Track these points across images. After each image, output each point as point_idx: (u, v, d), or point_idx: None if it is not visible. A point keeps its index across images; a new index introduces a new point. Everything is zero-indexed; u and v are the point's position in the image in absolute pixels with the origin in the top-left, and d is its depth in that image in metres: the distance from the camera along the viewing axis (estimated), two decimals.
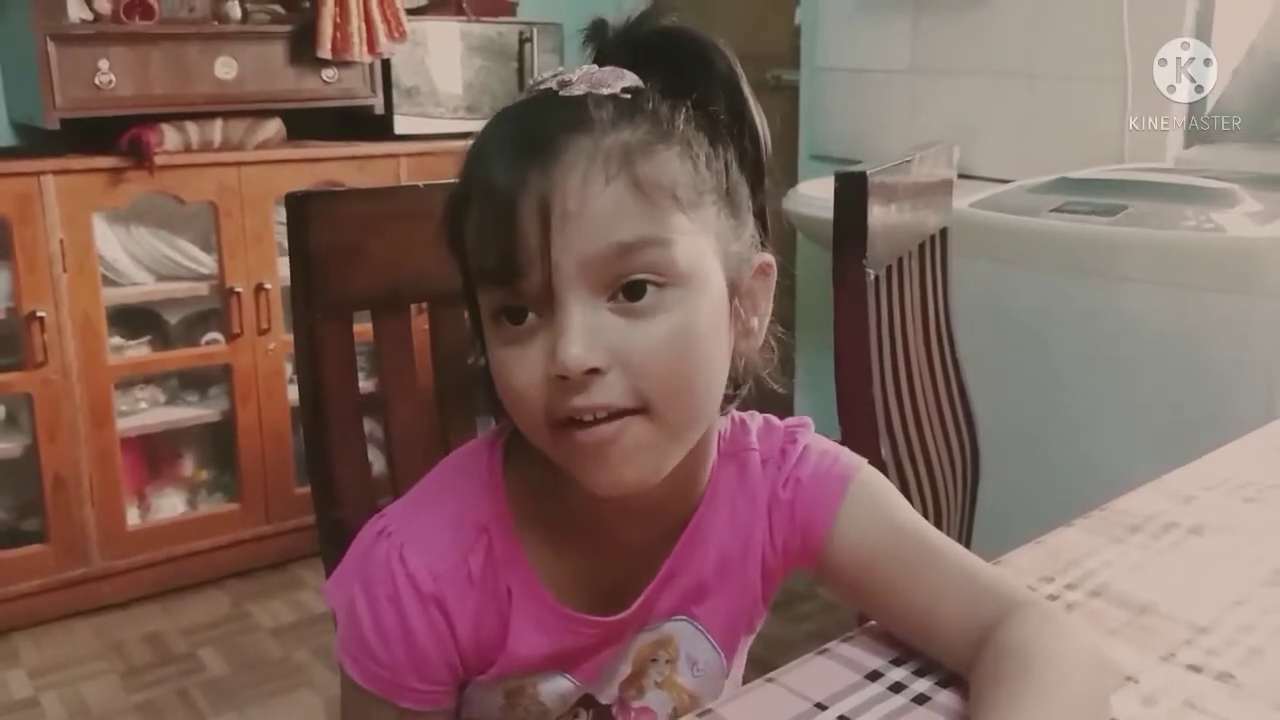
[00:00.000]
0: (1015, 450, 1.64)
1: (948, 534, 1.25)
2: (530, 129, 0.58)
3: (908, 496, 1.11)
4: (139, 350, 2.36)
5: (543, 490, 0.65)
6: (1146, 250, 1.55)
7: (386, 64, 2.53)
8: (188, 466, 2.50)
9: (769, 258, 0.65)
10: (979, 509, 1.42)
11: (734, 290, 0.62)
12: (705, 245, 0.59)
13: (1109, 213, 1.63)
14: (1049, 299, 1.68)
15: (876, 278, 1.06)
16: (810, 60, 2.76)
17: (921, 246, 1.25)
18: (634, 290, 0.56)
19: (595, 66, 0.61)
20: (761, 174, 0.65)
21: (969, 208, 1.74)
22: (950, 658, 0.63)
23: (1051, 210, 1.69)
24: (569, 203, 0.55)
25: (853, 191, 0.99)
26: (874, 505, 0.68)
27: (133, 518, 2.35)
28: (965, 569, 0.65)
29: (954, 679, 0.63)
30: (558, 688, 0.68)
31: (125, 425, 2.31)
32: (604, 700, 0.71)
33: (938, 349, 1.30)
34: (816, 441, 0.72)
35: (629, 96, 0.59)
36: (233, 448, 2.43)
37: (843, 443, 1.01)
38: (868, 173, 0.99)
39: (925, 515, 1.17)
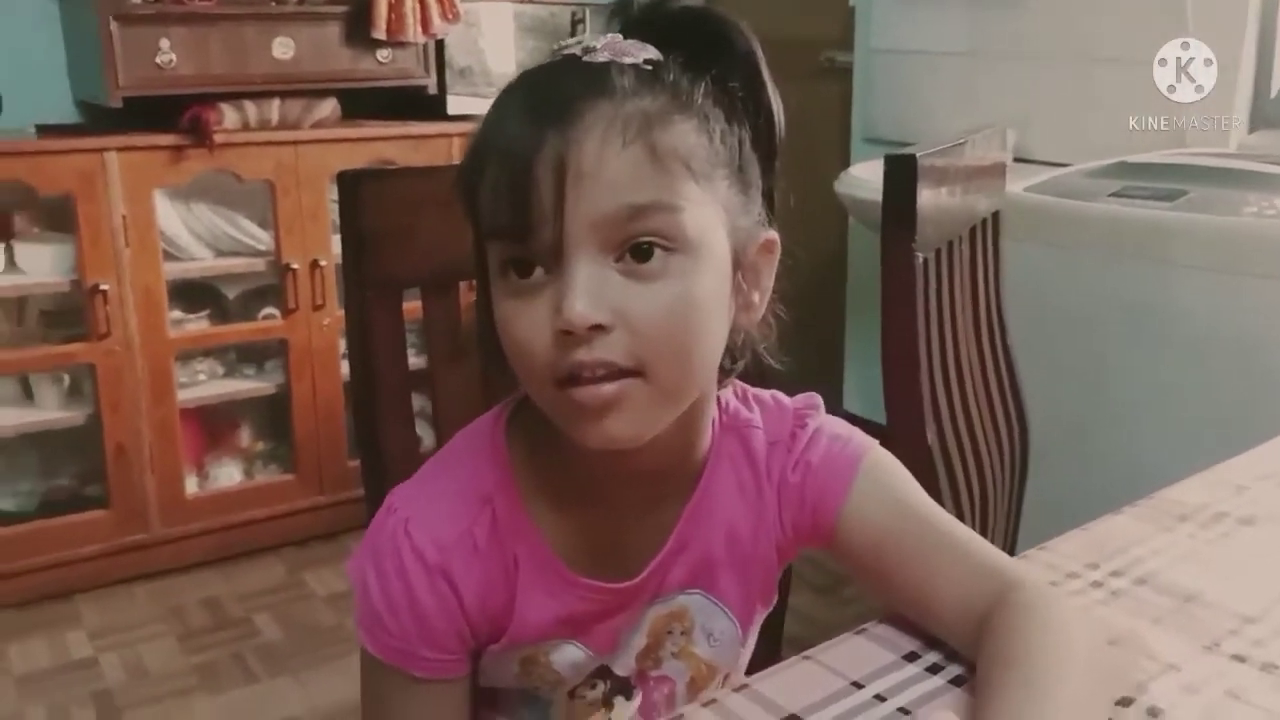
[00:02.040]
0: (1066, 439, 1.62)
1: (995, 522, 1.25)
2: (551, 91, 0.59)
3: (954, 484, 1.11)
4: (198, 324, 2.41)
5: (547, 458, 0.67)
6: (1205, 237, 1.52)
7: (440, 44, 2.55)
8: (244, 437, 2.55)
9: (774, 235, 0.67)
10: (1029, 498, 1.40)
11: (738, 263, 0.63)
12: (714, 216, 0.61)
13: (1168, 198, 1.60)
14: (1104, 285, 1.65)
15: (925, 261, 1.05)
16: (864, 42, 2.73)
17: (972, 230, 1.24)
18: (641, 252, 0.58)
19: (619, 36, 0.62)
20: (773, 155, 0.66)
21: (1023, 192, 1.72)
22: (953, 638, 0.65)
23: (1109, 195, 1.67)
24: (585, 163, 0.56)
25: (902, 174, 0.98)
26: (882, 487, 0.69)
27: (191, 486, 2.41)
28: (965, 549, 0.66)
29: None
30: (570, 657, 0.69)
31: (185, 396, 2.37)
32: (620, 671, 0.72)
33: (988, 334, 1.29)
34: (828, 424, 0.73)
35: (650, 68, 0.60)
36: (288, 420, 2.48)
37: (888, 428, 1.02)
38: (917, 155, 0.98)
39: (972, 502, 1.17)
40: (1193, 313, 1.55)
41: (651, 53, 0.61)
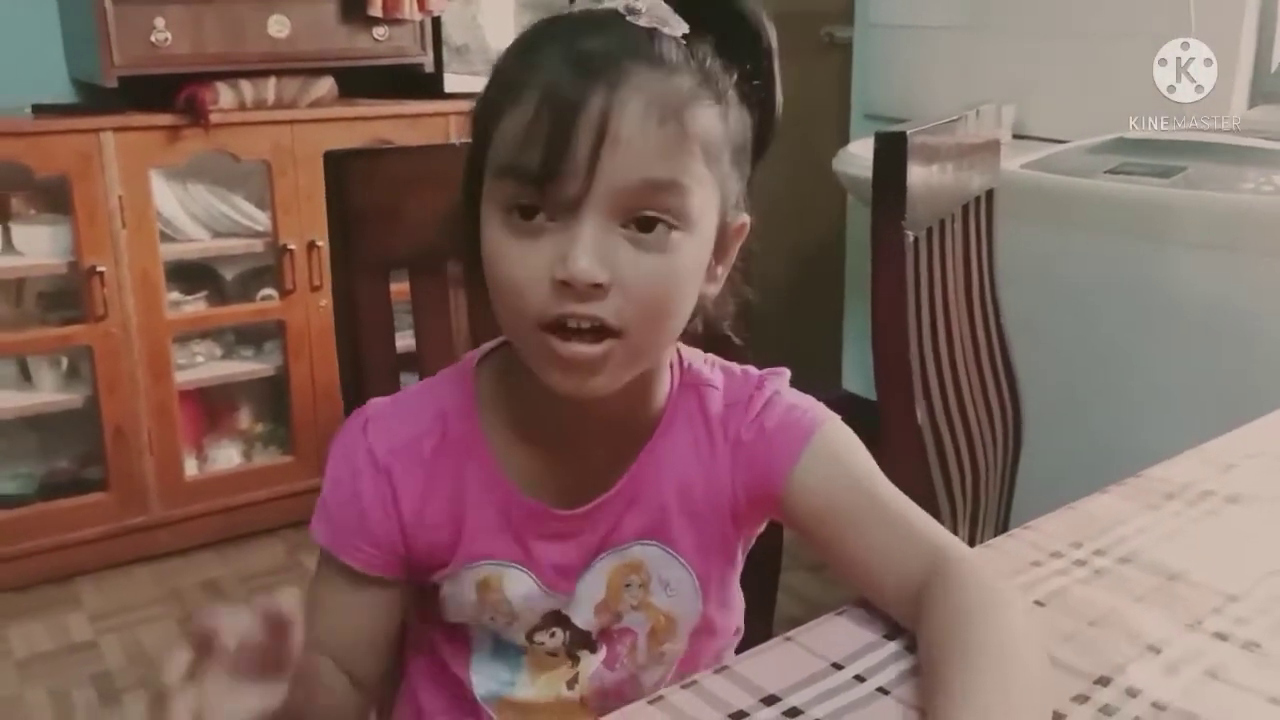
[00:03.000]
0: (1062, 417, 1.62)
1: (987, 501, 1.25)
2: (598, 45, 0.60)
3: (944, 463, 1.11)
4: (196, 305, 2.41)
5: (511, 391, 0.71)
6: (1203, 213, 1.51)
7: (437, 22, 2.53)
8: (243, 419, 2.56)
9: (747, 219, 0.70)
10: (1022, 475, 1.40)
11: (716, 240, 0.66)
12: (713, 198, 0.64)
13: (1166, 174, 1.59)
14: (1101, 263, 1.65)
15: (916, 239, 1.05)
16: (864, 17, 2.71)
17: (965, 208, 1.23)
18: (646, 224, 0.60)
19: (661, 3, 0.63)
20: (763, 146, 0.69)
21: (1020, 169, 1.71)
22: (891, 609, 0.66)
23: (1107, 171, 1.66)
24: (625, 129, 0.58)
25: (892, 152, 0.98)
26: (833, 459, 0.70)
27: (190, 468, 2.41)
28: (905, 524, 0.68)
29: None
30: (522, 587, 0.72)
31: (183, 378, 2.37)
32: (580, 624, 0.74)
33: (980, 313, 1.28)
34: (789, 393, 0.74)
35: (687, 43, 0.62)
36: (286, 401, 2.48)
37: (878, 404, 1.02)
38: (908, 133, 0.98)
39: (963, 481, 1.16)
40: (1190, 290, 1.54)
41: (685, 26, 0.63)
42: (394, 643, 0.76)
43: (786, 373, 0.76)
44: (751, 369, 0.76)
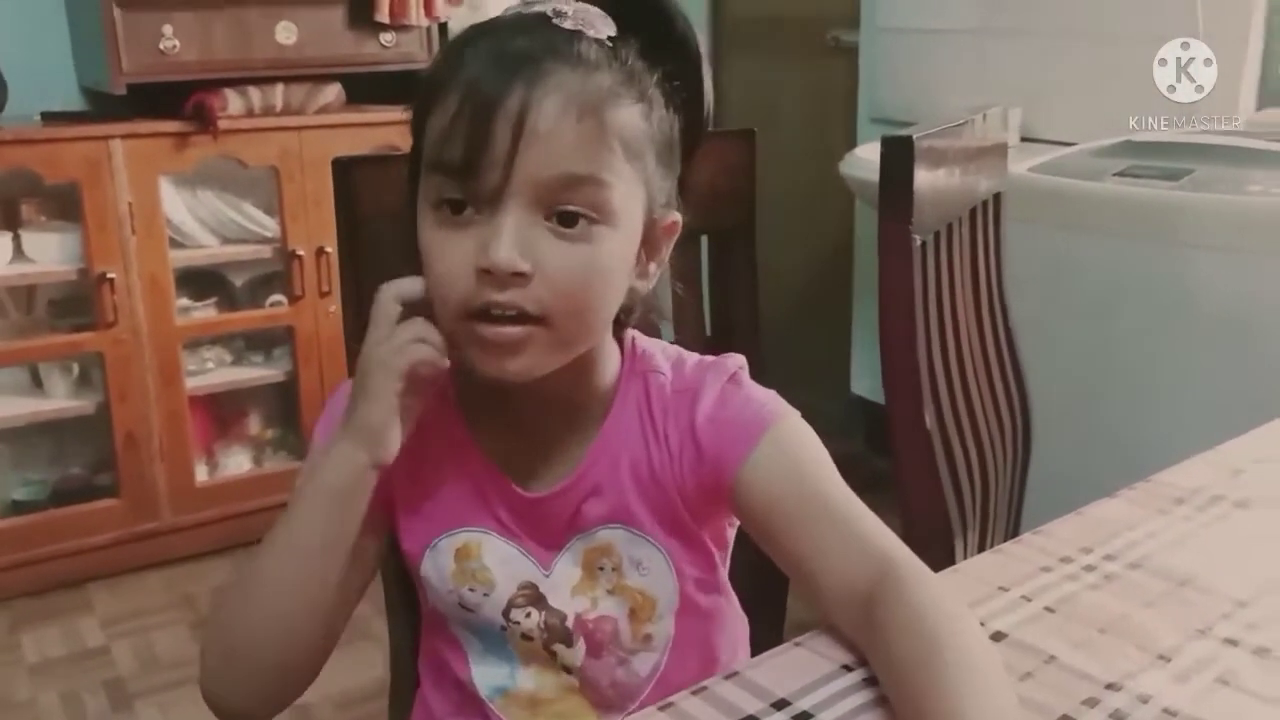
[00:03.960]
0: (1072, 421, 1.62)
1: (997, 505, 1.25)
2: (522, 45, 0.63)
3: (953, 467, 1.11)
4: (206, 311, 2.42)
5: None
6: (1210, 216, 1.51)
7: (444, 28, 2.54)
8: (253, 425, 2.56)
9: (678, 217, 0.72)
10: (1032, 479, 1.40)
11: (645, 236, 0.69)
12: (636, 193, 0.67)
13: (1173, 177, 1.59)
14: (1110, 266, 1.64)
15: (924, 243, 1.05)
16: (870, 21, 2.71)
17: (973, 212, 1.23)
18: (568, 219, 0.63)
19: (587, 6, 0.66)
20: (696, 145, 0.72)
21: (1028, 172, 1.71)
22: (833, 613, 0.65)
23: (1114, 174, 1.65)
24: (542, 124, 0.61)
25: (898, 155, 0.98)
26: (785, 456, 0.70)
27: (201, 474, 2.42)
28: (854, 527, 0.67)
29: None
30: (500, 553, 0.74)
31: (193, 384, 2.38)
32: (555, 604, 0.74)
33: (989, 317, 1.28)
34: (747, 384, 0.74)
35: (612, 45, 0.65)
36: (296, 407, 2.48)
37: (886, 408, 1.02)
38: (914, 136, 0.98)
39: (972, 485, 1.16)
40: (1199, 293, 1.54)
41: (613, 29, 0.66)
42: (356, 597, 0.75)
43: (741, 359, 0.76)
44: (707, 358, 0.76)
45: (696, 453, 0.72)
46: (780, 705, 0.59)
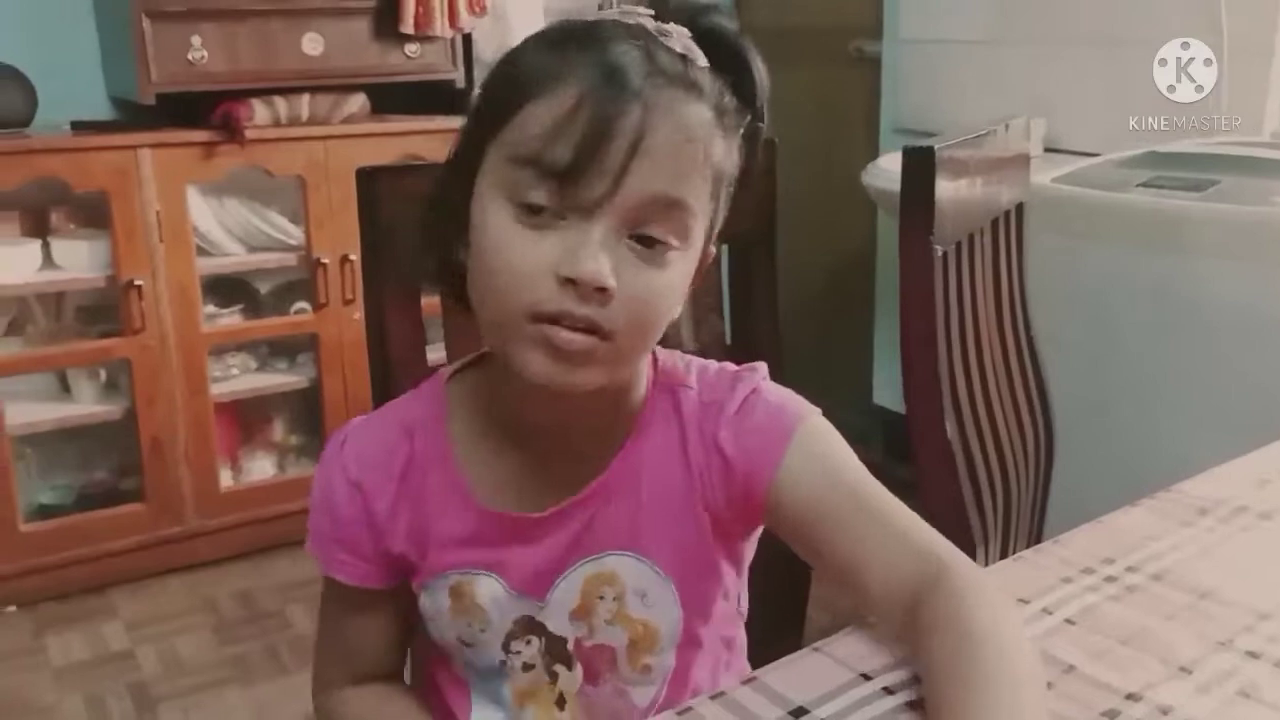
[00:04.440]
0: (1094, 432, 1.61)
1: (1019, 516, 1.25)
2: (642, 58, 0.62)
3: (974, 478, 1.11)
4: (231, 319, 2.44)
5: (482, 403, 0.73)
6: (1235, 227, 1.50)
7: (468, 39, 2.56)
8: (277, 431, 2.58)
9: (713, 250, 0.72)
10: (1054, 490, 1.39)
11: (698, 265, 0.68)
12: (704, 223, 0.66)
13: (1198, 188, 1.58)
14: (1133, 277, 1.63)
15: (945, 254, 1.05)
16: (893, 31, 2.71)
17: (995, 222, 1.23)
18: (647, 241, 0.62)
19: (687, 32, 0.65)
20: (749, 178, 0.70)
21: (1051, 183, 1.70)
22: (879, 614, 0.65)
23: (1138, 185, 1.64)
24: (657, 142, 0.60)
25: (920, 166, 0.98)
26: (815, 458, 0.69)
27: (225, 479, 2.44)
28: (897, 527, 0.66)
29: None
30: (491, 591, 0.73)
31: (218, 390, 2.40)
32: (553, 629, 0.74)
33: (1011, 328, 1.28)
34: (766, 389, 0.73)
35: (710, 75, 0.64)
36: (319, 414, 2.50)
37: (907, 419, 1.02)
38: (936, 147, 0.98)
39: (994, 496, 1.16)
40: (1223, 303, 1.53)
41: (707, 63, 0.65)
42: (404, 639, 0.80)
43: (763, 366, 0.75)
44: (728, 365, 0.75)
45: (725, 468, 0.71)
46: (799, 713, 0.59)
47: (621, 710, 0.76)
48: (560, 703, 0.76)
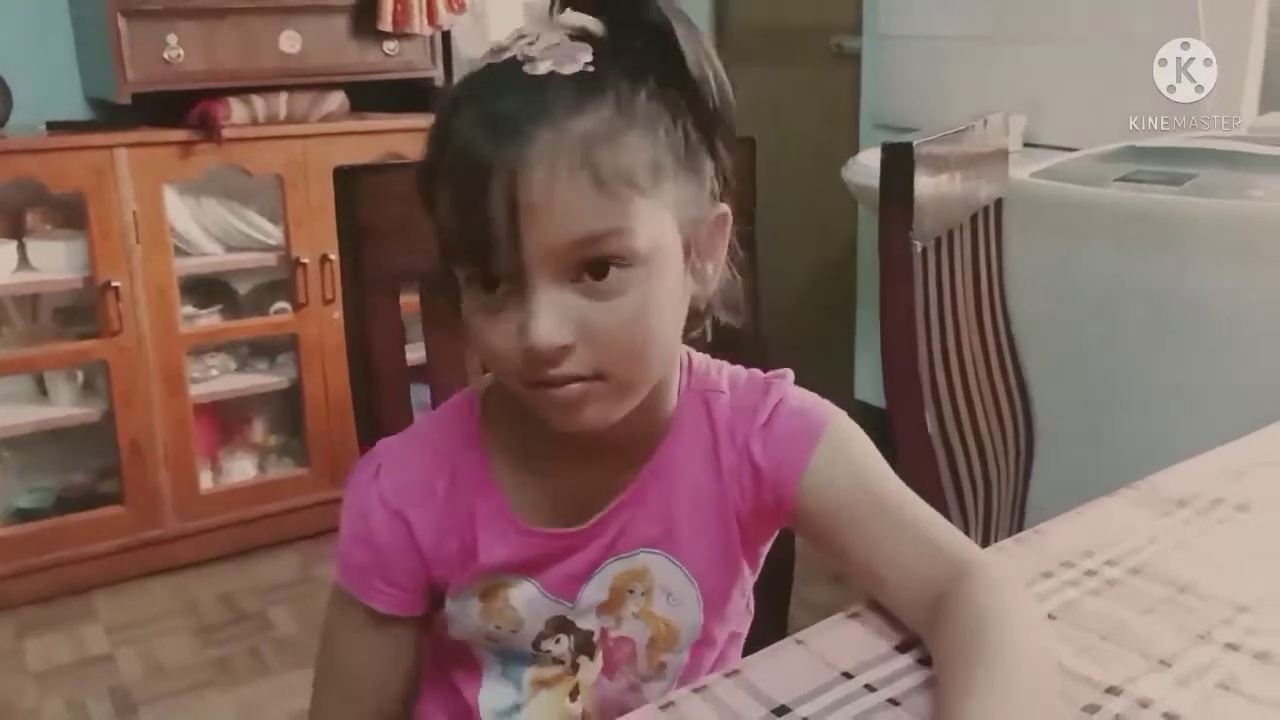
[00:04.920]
0: (1073, 426, 1.61)
1: (999, 510, 1.25)
2: (495, 114, 0.59)
3: (955, 471, 1.11)
4: (210, 319, 2.43)
5: (514, 424, 0.71)
6: (1213, 221, 1.51)
7: (447, 36, 2.55)
8: (258, 432, 2.57)
9: (724, 209, 0.68)
10: (1035, 485, 1.40)
11: (690, 248, 0.65)
12: (664, 220, 0.63)
13: (1176, 182, 1.59)
14: (1112, 271, 1.64)
15: (925, 249, 1.05)
16: (873, 27, 2.72)
17: (974, 218, 1.23)
18: (598, 269, 0.60)
19: (559, 37, 0.62)
20: (715, 127, 0.65)
21: (1030, 178, 1.71)
22: (904, 614, 0.65)
23: (1117, 179, 1.65)
24: (534, 195, 0.58)
25: (898, 162, 0.98)
26: (841, 459, 0.70)
27: (205, 481, 2.43)
28: (924, 528, 0.67)
29: None
30: (526, 594, 0.72)
31: (197, 392, 2.38)
32: (583, 625, 0.74)
33: (990, 323, 1.28)
34: (792, 395, 0.73)
35: (591, 70, 0.60)
36: (300, 414, 2.49)
37: (888, 414, 1.02)
38: (915, 143, 0.98)
39: (974, 490, 1.16)
40: (1201, 297, 1.54)
41: (588, 54, 0.61)
42: (415, 678, 0.78)
43: (790, 374, 0.75)
44: (757, 372, 0.75)
45: (754, 475, 0.71)
46: (781, 711, 0.59)
47: (632, 705, 0.75)
48: (573, 694, 0.76)
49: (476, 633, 0.74)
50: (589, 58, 0.61)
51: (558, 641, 0.74)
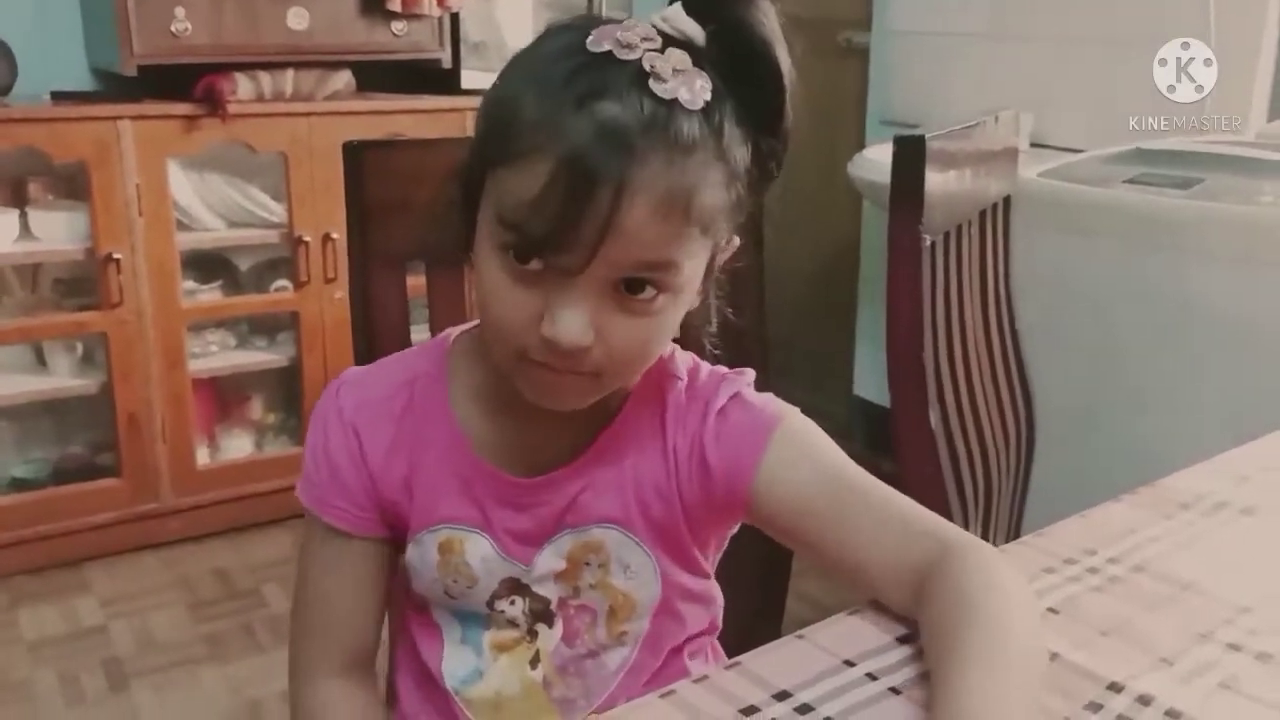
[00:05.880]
0: (1075, 426, 1.62)
1: (999, 507, 1.25)
2: (619, 125, 0.59)
3: (957, 467, 1.11)
4: (211, 295, 2.42)
5: (483, 366, 0.73)
6: (1219, 225, 1.51)
7: (455, 18, 2.54)
8: (255, 409, 2.57)
9: (737, 240, 0.70)
10: (1035, 483, 1.40)
11: (705, 272, 0.68)
12: (703, 259, 0.66)
13: (1184, 185, 1.58)
14: (1117, 273, 1.64)
15: (933, 244, 1.05)
16: (882, 23, 2.71)
17: (982, 215, 1.23)
18: (636, 286, 0.62)
19: (687, 62, 0.61)
20: (771, 168, 0.67)
21: (1037, 177, 1.71)
22: (885, 597, 0.66)
23: (1124, 181, 1.65)
24: (631, 217, 0.59)
25: (910, 155, 0.98)
26: (798, 455, 0.70)
27: (202, 457, 2.42)
28: (896, 512, 0.68)
29: None
30: (480, 550, 0.74)
31: (196, 367, 2.38)
32: (539, 591, 0.75)
33: (996, 320, 1.28)
34: (747, 392, 0.74)
35: (708, 102, 0.61)
36: (298, 393, 2.49)
37: (891, 407, 1.02)
38: (926, 137, 0.98)
39: (975, 486, 1.16)
40: (1206, 301, 1.54)
41: (709, 86, 0.61)
42: (383, 605, 0.79)
43: (751, 373, 0.76)
44: (720, 368, 0.76)
45: (704, 469, 0.72)
46: (781, 696, 0.59)
47: (591, 671, 0.77)
48: (534, 662, 0.77)
49: (434, 585, 0.75)
50: (709, 94, 0.61)
51: (512, 603, 0.75)
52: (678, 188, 0.60)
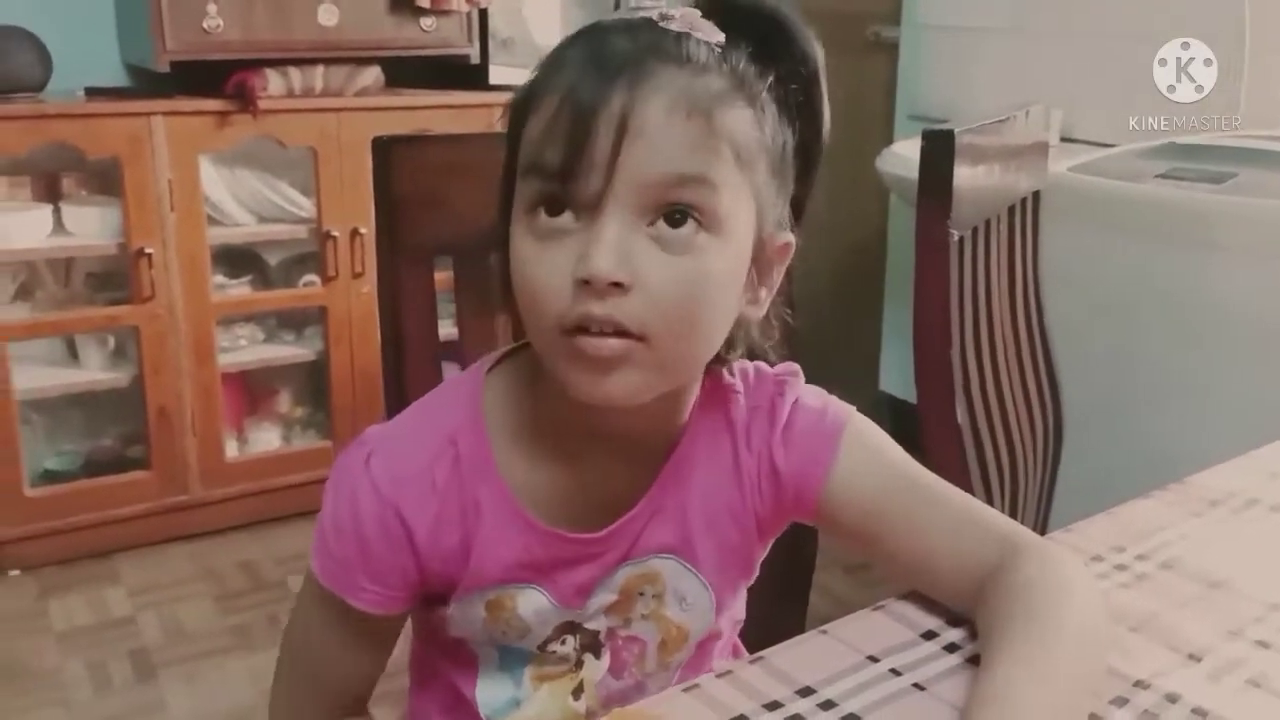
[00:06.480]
0: (1104, 422, 1.60)
1: (1025, 503, 1.24)
2: (626, 45, 0.59)
3: (983, 463, 1.10)
4: (240, 289, 2.44)
5: (524, 406, 0.68)
6: (1251, 221, 1.49)
7: (484, 14, 2.55)
8: (284, 403, 2.58)
9: (791, 239, 0.67)
10: (1063, 480, 1.39)
11: (755, 256, 0.64)
12: (745, 204, 0.62)
13: (1217, 180, 1.57)
14: (1148, 268, 1.63)
15: (961, 239, 1.04)
16: (912, 17, 2.69)
17: (1011, 209, 1.22)
18: (675, 220, 0.58)
19: (697, 12, 0.62)
20: (812, 165, 0.67)
21: (1068, 171, 1.69)
22: (953, 599, 0.65)
23: (1156, 176, 1.63)
24: (647, 123, 0.57)
25: (939, 150, 0.97)
26: (867, 456, 0.69)
27: (231, 450, 2.44)
28: (964, 512, 0.67)
29: None
30: (535, 604, 0.69)
31: (226, 361, 2.40)
32: (590, 626, 0.72)
33: (1024, 315, 1.27)
34: (806, 394, 0.72)
35: (721, 50, 0.61)
36: (326, 387, 2.50)
37: (918, 403, 1.01)
38: (956, 132, 0.97)
39: (1001, 482, 1.16)
40: (1238, 297, 1.52)
41: (721, 37, 0.62)
42: (389, 655, 0.74)
43: (800, 371, 0.74)
44: (764, 367, 0.73)
45: (774, 481, 0.70)
46: (805, 692, 0.59)
47: (634, 698, 0.74)
48: (577, 692, 0.74)
49: (478, 634, 0.71)
50: (720, 39, 0.61)
51: (563, 643, 0.72)
52: (695, 90, 0.58)
